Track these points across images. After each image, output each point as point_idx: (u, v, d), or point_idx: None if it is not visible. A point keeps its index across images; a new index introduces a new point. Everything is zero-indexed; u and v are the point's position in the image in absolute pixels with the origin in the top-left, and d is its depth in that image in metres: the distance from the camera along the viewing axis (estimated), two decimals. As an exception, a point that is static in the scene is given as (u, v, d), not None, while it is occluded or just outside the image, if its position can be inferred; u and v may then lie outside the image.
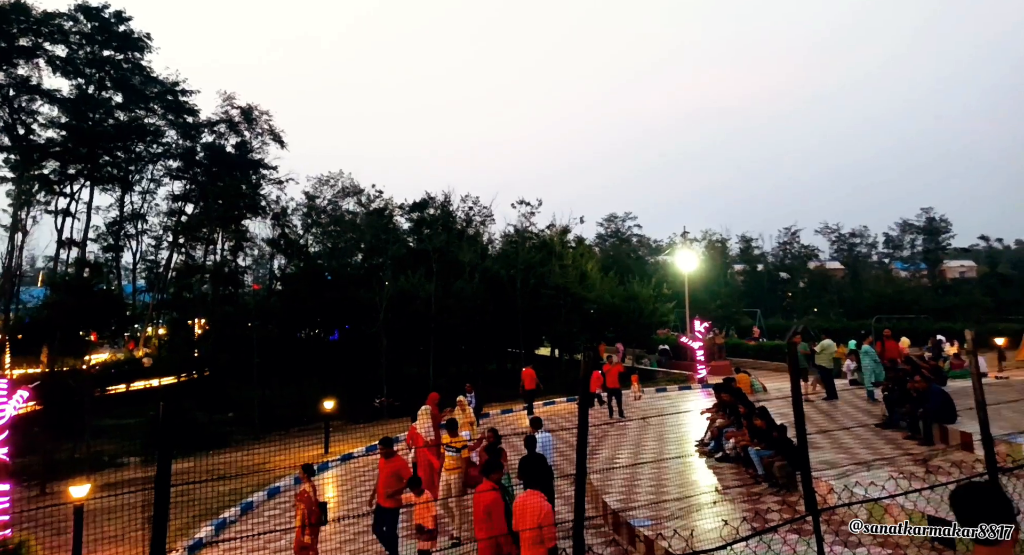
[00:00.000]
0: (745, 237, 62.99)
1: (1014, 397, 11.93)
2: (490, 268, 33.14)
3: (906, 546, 6.55)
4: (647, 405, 19.94)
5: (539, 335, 35.42)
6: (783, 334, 40.67)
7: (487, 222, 38.46)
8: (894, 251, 63.29)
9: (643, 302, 35.38)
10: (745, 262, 61.65)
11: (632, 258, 57.46)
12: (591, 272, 35.39)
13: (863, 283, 55.83)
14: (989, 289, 51.85)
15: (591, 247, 49.48)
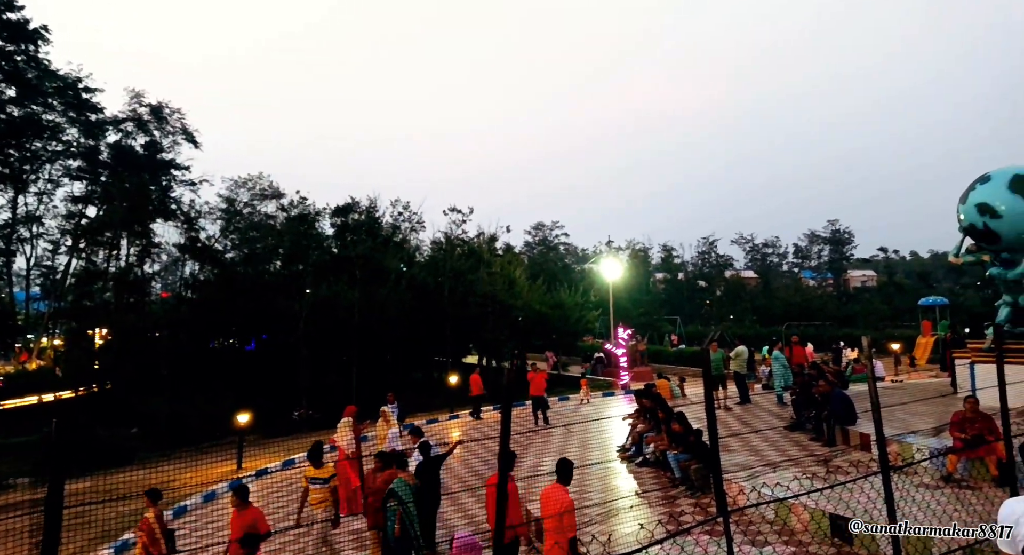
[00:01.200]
0: (666, 247, 65.30)
1: (906, 400, 12.81)
2: (417, 275, 32.77)
3: (808, 543, 6.86)
4: (572, 412, 20.20)
5: (467, 343, 35.28)
6: (702, 340, 42.30)
7: (416, 228, 38.01)
8: (803, 261, 67.31)
9: (569, 309, 35.94)
10: (666, 271, 63.80)
11: (559, 266, 58.36)
12: (519, 280, 35.64)
13: (774, 291, 58.90)
14: (887, 297, 55.86)
15: (519, 255, 49.89)
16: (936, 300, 32.05)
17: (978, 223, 12.04)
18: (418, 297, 30.91)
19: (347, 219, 35.66)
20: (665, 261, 64.75)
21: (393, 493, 7.26)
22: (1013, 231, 11.71)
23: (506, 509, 4.22)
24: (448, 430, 20.24)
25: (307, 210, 35.72)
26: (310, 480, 8.65)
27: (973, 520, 6.45)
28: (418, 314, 30.27)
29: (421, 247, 38.71)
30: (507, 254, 39.89)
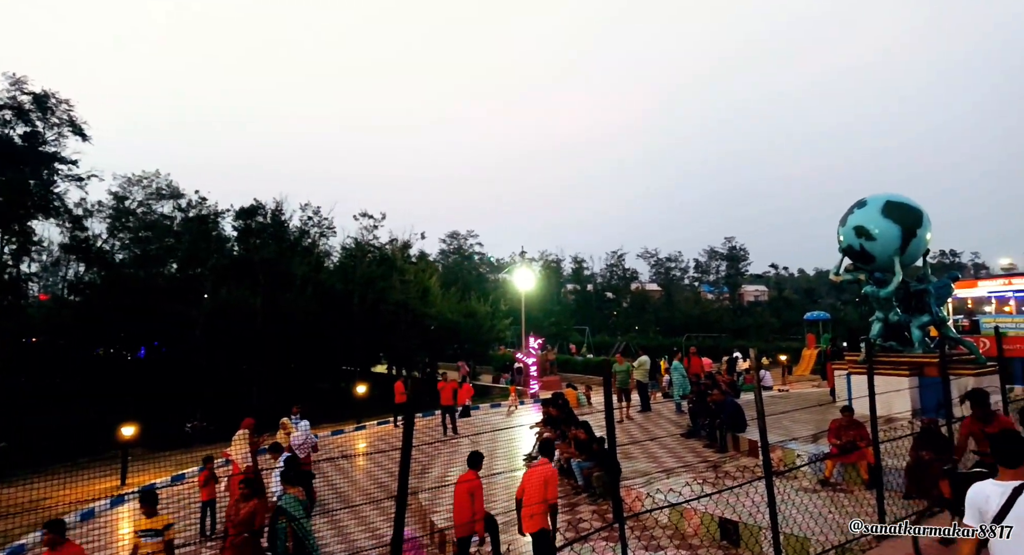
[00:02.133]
0: (577, 258, 66.87)
1: (790, 408, 13.73)
2: (326, 281, 31.80)
3: (699, 547, 7.20)
4: (481, 421, 20.21)
5: (377, 352, 34.56)
6: (608, 350, 43.60)
7: (325, 233, 36.91)
8: (703, 275, 70.94)
9: (482, 319, 36.06)
10: (576, 282, 65.32)
11: (473, 275, 58.44)
12: (432, 288, 35.38)
13: (676, 304, 61.65)
14: (777, 311, 59.79)
15: (434, 263, 49.55)
16: (819, 315, 34.66)
17: (855, 244, 13.16)
18: (326, 304, 29.99)
19: (251, 222, 34.11)
20: (576, 273, 66.28)
21: (282, 510, 6.96)
22: (884, 253, 12.87)
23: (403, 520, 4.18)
24: (354, 441, 19.72)
25: (207, 211, 33.88)
26: (140, 533, 7.08)
27: (846, 521, 7.00)
28: (326, 322, 29.35)
29: (331, 253, 37.65)
30: (421, 262, 39.53)
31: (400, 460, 4.32)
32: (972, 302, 25.99)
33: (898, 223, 12.70)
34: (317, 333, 28.89)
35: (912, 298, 13.36)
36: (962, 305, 25.80)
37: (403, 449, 4.40)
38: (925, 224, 12.90)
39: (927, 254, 13.59)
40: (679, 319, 55.45)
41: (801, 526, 6.70)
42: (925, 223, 12.91)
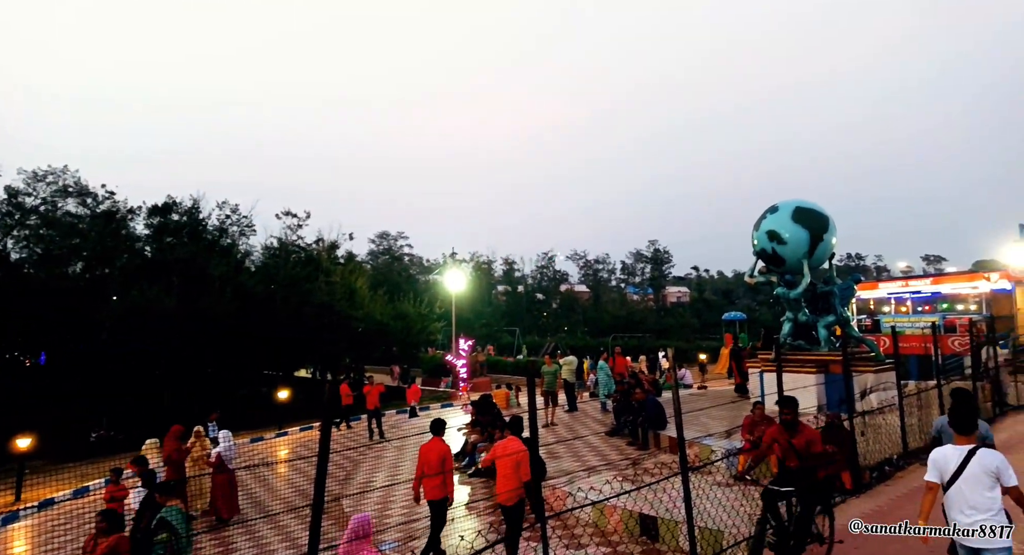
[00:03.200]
0: (508, 260, 67.25)
1: (706, 405, 14.28)
2: (246, 283, 30.57)
3: (617, 543, 7.36)
4: (410, 425, 19.96)
5: (301, 355, 33.53)
6: (538, 351, 44.05)
7: (245, 232, 35.46)
8: (629, 277, 72.85)
9: (412, 320, 35.64)
10: (508, 284, 65.69)
11: (403, 277, 57.72)
12: (360, 289, 34.66)
13: (604, 305, 63.02)
14: (697, 312, 62.12)
15: (362, 264, 48.62)
16: (736, 315, 36.16)
17: (768, 248, 13.84)
18: (247, 306, 28.81)
19: (166, 220, 32.36)
20: (507, 274, 66.65)
21: (165, 523, 6.54)
22: (794, 256, 13.60)
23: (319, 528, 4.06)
24: (275, 448, 19.07)
25: (115, 208, 31.88)
26: None
27: (756, 513, 7.33)
28: (246, 324, 28.21)
29: (252, 253, 36.21)
30: (349, 263, 38.64)
31: (317, 466, 4.20)
32: (874, 303, 27.86)
33: (807, 228, 13.44)
34: (237, 336, 27.72)
35: (819, 299, 14.16)
36: (865, 306, 27.61)
37: (320, 455, 4.28)
38: (831, 229, 13.71)
39: (832, 257, 14.43)
40: (606, 320, 56.71)
41: (716, 519, 6.96)
42: (831, 228, 13.72)
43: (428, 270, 64.18)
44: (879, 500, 7.95)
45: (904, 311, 25.74)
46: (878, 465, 8.87)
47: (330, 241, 36.77)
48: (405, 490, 11.09)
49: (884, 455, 9.14)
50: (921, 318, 23.49)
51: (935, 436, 6.98)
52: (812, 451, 6.14)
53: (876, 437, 9.19)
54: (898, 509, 7.60)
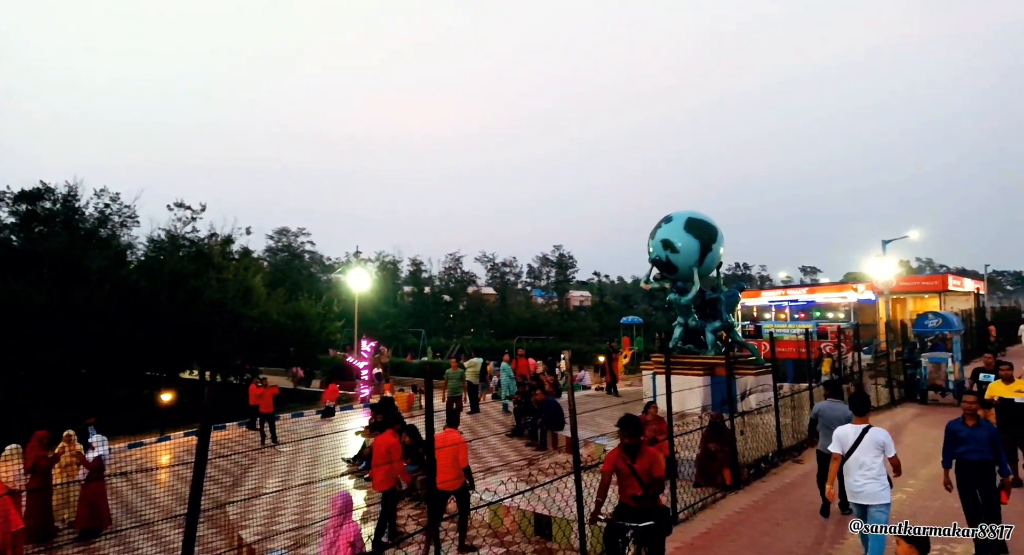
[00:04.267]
0: (415, 261, 66.40)
1: (601, 406, 14.76)
2: (128, 278, 28.32)
3: (511, 543, 7.45)
4: (309, 428, 19.27)
5: (188, 356, 31.47)
6: (444, 352, 43.82)
7: (127, 223, 32.81)
8: (535, 280, 74.09)
9: (311, 320, 34.35)
10: (414, 284, 64.88)
11: (303, 274, 55.62)
12: (256, 287, 32.99)
13: (510, 307, 63.65)
14: (598, 316, 64.02)
15: (259, 261, 46.42)
16: (634, 319, 37.73)
17: (662, 256, 14.49)
18: (128, 303, 26.68)
19: (37, 207, 29.41)
20: (413, 275, 65.79)
21: None
22: (686, 264, 14.31)
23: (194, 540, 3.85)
24: (156, 454, 17.82)
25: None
26: None
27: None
28: (127, 322, 26.14)
29: (136, 245, 33.57)
30: (244, 259, 36.68)
31: (193, 473, 3.97)
32: (757, 310, 29.89)
33: (697, 238, 14.20)
34: (116, 334, 25.61)
35: (707, 305, 14.98)
36: (749, 312, 29.55)
37: (196, 462, 4.04)
38: (719, 239, 14.56)
39: (720, 266, 15.31)
40: (512, 322, 57.27)
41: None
42: (719, 238, 14.57)
43: (330, 269, 62.28)
44: (755, 495, 8.52)
45: (783, 318, 27.80)
46: (755, 462, 9.51)
47: (224, 236, 34.75)
48: (295, 495, 10.70)
49: (761, 453, 9.81)
50: (798, 325, 25.43)
51: (813, 418, 8.32)
52: (655, 476, 5.46)
53: (754, 436, 9.85)
54: (772, 504, 8.19)
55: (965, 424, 6.27)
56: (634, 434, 5.56)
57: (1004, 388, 8.76)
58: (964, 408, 6.40)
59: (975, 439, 6.11)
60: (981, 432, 6.14)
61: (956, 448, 6.23)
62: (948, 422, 6.44)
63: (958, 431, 6.27)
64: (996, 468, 6.09)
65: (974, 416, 6.28)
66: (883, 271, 21.58)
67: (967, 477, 6.12)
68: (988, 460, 6.03)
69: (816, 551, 6.44)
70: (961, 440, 6.20)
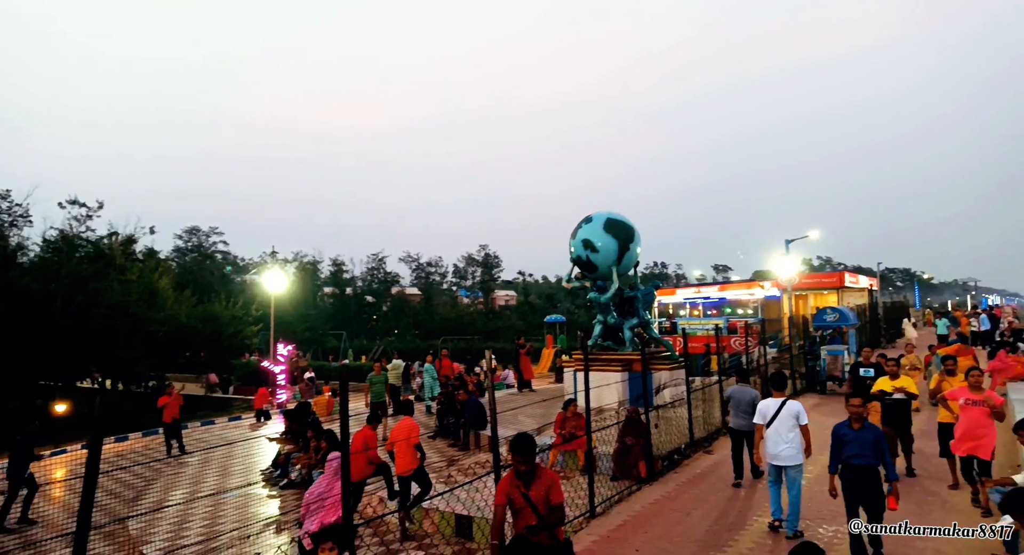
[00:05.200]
0: (336, 261, 64.75)
1: (524, 404, 14.90)
2: (18, 280, 26.13)
3: (429, 546, 7.40)
4: (219, 438, 18.41)
5: (87, 363, 29.35)
6: (366, 354, 42.96)
7: (17, 223, 30.27)
8: (460, 280, 73.70)
9: (224, 324, 32.85)
10: (335, 285, 63.25)
11: (216, 276, 53.09)
12: (163, 289, 31.19)
13: (435, 308, 63.15)
14: (523, 315, 64.58)
15: (166, 261, 43.93)
16: (557, 318, 38.24)
17: (583, 255, 14.78)
18: (19, 307, 24.62)
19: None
20: (334, 275, 64.10)
21: None
22: (605, 263, 14.66)
23: None
24: (51, 469, 16.50)
25: None
26: None
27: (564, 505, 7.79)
28: (17, 328, 24.11)
29: (26, 246, 30.99)
30: (150, 260, 34.59)
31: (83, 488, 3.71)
32: (672, 307, 31.02)
33: (616, 238, 14.58)
34: (4, 341, 23.57)
35: (625, 303, 15.40)
36: (665, 310, 30.63)
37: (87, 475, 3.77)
38: (636, 239, 15.01)
39: (637, 265, 15.79)
40: (437, 322, 56.85)
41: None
42: (636, 238, 15.02)
43: (245, 269, 59.76)
44: (668, 487, 8.84)
45: (697, 314, 28.99)
46: (668, 455, 9.86)
47: (126, 235, 32.62)
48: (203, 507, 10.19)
49: (674, 445, 10.18)
50: (710, 321, 26.58)
51: (726, 399, 9.56)
52: (553, 503, 4.58)
53: (668, 429, 10.20)
54: (683, 494, 8.51)
55: (851, 427, 6.04)
56: (528, 458, 4.64)
57: (887, 383, 8.95)
58: (850, 411, 6.16)
59: (860, 443, 5.89)
60: (867, 435, 5.93)
61: (842, 452, 6.00)
62: (835, 425, 6.23)
63: (844, 435, 6.04)
64: (883, 473, 5.93)
65: (860, 419, 6.06)
66: (787, 269, 22.92)
67: (853, 482, 5.90)
68: (873, 465, 5.87)
69: (722, 537, 6.75)
70: (847, 444, 5.98)
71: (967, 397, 7.54)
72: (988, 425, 7.30)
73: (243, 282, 53.56)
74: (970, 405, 7.41)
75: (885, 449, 5.94)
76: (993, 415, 7.27)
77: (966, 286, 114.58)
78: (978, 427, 7.30)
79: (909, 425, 8.90)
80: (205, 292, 37.10)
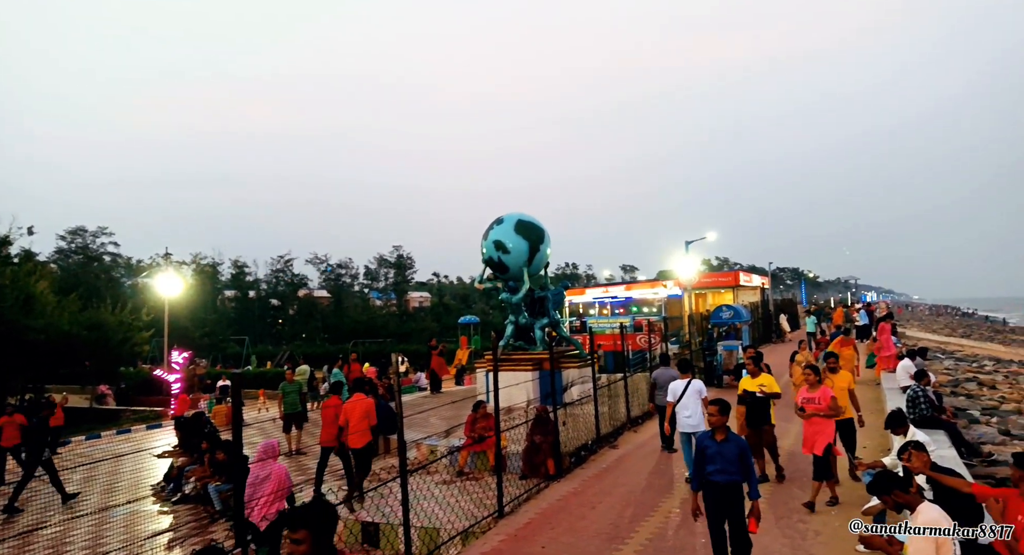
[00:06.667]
0: (239, 263, 61.76)
1: (436, 405, 14.79)
2: None
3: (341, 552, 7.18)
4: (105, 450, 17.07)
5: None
6: (272, 359, 41.25)
7: None
8: (372, 282, 71.96)
9: (112, 331, 30.46)
10: (237, 288, 60.35)
11: (103, 280, 49.29)
12: (42, 295, 28.56)
13: (345, 310, 61.57)
14: (437, 316, 64.22)
15: (46, 264, 40.34)
16: (471, 319, 38.26)
17: (494, 256, 14.84)
18: None
19: None
20: (236, 278, 61.09)
21: None
22: (516, 264, 14.79)
23: None
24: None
25: None
26: None
27: (472, 506, 7.78)
28: None
29: None
30: (26, 263, 31.59)
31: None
32: (583, 307, 31.80)
33: (526, 239, 14.74)
34: None
35: (536, 304, 15.61)
36: (576, 309, 31.35)
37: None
38: (546, 240, 15.25)
39: (547, 266, 16.05)
40: (348, 325, 55.47)
41: (435, 518, 7.21)
42: (546, 240, 15.25)
43: (137, 272, 55.84)
44: (575, 482, 9.03)
45: (605, 313, 29.87)
46: (576, 451, 10.08)
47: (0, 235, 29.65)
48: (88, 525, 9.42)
49: (581, 441, 10.42)
50: (618, 319, 27.42)
51: (651, 383, 10.79)
52: None
53: (575, 426, 10.43)
54: (589, 488, 8.72)
55: (713, 439, 5.40)
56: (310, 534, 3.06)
57: (750, 382, 8.57)
58: (709, 421, 5.54)
59: (723, 457, 5.27)
60: (730, 449, 5.30)
61: (705, 467, 5.34)
62: (698, 436, 5.70)
63: (706, 447, 5.38)
64: (745, 490, 5.30)
65: (723, 429, 5.41)
66: (687, 269, 24.04)
67: (716, 502, 5.27)
68: (737, 481, 5.26)
69: (624, 529, 6.96)
70: (709, 458, 5.33)
71: (805, 396, 7.61)
72: (822, 422, 7.34)
73: (135, 286, 50.07)
74: (808, 404, 7.49)
75: (751, 463, 5.40)
76: (831, 410, 7.34)
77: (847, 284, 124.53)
78: (813, 424, 7.36)
79: (771, 425, 8.43)
80: (91, 297, 34.39)
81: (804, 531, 6.60)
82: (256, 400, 25.40)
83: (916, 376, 10.53)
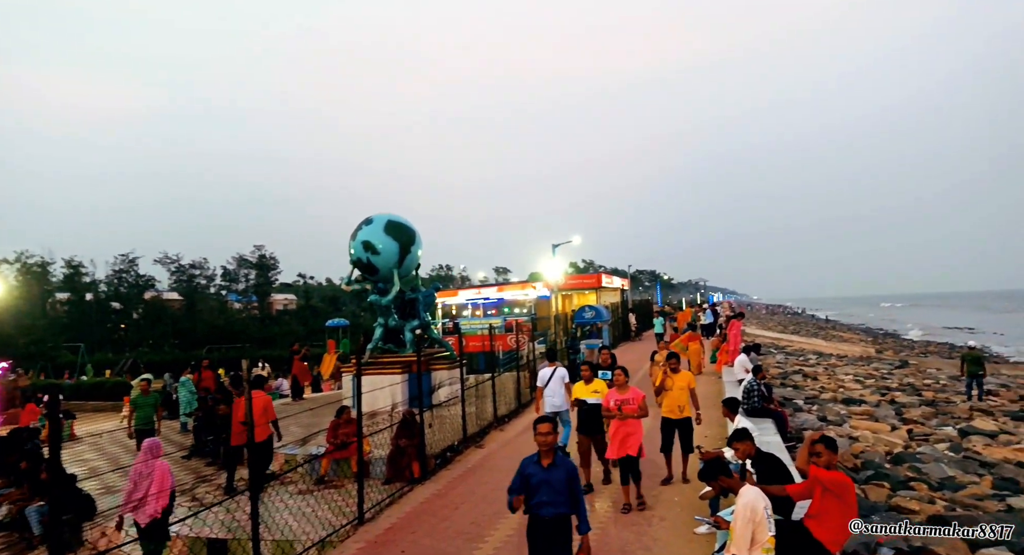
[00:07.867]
0: (72, 262, 55.21)
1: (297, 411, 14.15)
2: None
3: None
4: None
5: None
6: (112, 368, 37.42)
7: None
8: (231, 284, 67.02)
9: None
10: (71, 291, 54.03)
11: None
12: None
13: (199, 314, 57.13)
14: (304, 319, 61.43)
15: None
16: (340, 322, 37.04)
17: (363, 258, 14.44)
18: None
19: None
20: (70, 279, 54.55)
21: None
22: (386, 266, 14.50)
23: None
24: None
25: None
26: None
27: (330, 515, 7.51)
28: None
29: None
30: None
31: None
32: (455, 308, 31.91)
33: (397, 240, 14.50)
34: None
35: (407, 305, 15.39)
36: (448, 311, 31.39)
37: None
38: (417, 242, 15.09)
39: (419, 268, 15.90)
40: (202, 330, 51.51)
41: (291, 529, 6.89)
42: (417, 241, 15.10)
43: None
44: (440, 484, 9.02)
45: (478, 314, 30.17)
46: (441, 452, 10.07)
47: None
48: None
49: (448, 442, 10.43)
50: (490, 320, 27.80)
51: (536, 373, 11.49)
52: None
53: (442, 427, 10.43)
54: (453, 490, 8.75)
55: (539, 464, 4.67)
56: None
57: (583, 389, 8.17)
58: (537, 441, 4.75)
59: (550, 486, 4.56)
60: (558, 475, 4.60)
61: (530, 498, 4.60)
62: (523, 461, 4.81)
63: (531, 475, 4.64)
64: (575, 523, 4.64)
65: (551, 452, 4.69)
66: (553, 271, 24.88)
67: (543, 538, 4.55)
68: (565, 514, 4.58)
69: (485, 527, 7.06)
70: (534, 487, 4.59)
71: (616, 398, 7.57)
72: (635, 423, 7.43)
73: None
74: (625, 405, 7.48)
75: (579, 491, 4.73)
76: (642, 410, 7.47)
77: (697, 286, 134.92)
78: (627, 425, 7.38)
79: (603, 432, 8.14)
80: None
81: (650, 517, 7.06)
82: (120, 411, 22.89)
83: (753, 370, 11.60)
